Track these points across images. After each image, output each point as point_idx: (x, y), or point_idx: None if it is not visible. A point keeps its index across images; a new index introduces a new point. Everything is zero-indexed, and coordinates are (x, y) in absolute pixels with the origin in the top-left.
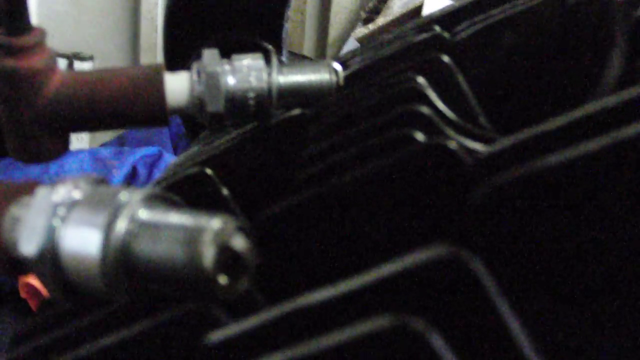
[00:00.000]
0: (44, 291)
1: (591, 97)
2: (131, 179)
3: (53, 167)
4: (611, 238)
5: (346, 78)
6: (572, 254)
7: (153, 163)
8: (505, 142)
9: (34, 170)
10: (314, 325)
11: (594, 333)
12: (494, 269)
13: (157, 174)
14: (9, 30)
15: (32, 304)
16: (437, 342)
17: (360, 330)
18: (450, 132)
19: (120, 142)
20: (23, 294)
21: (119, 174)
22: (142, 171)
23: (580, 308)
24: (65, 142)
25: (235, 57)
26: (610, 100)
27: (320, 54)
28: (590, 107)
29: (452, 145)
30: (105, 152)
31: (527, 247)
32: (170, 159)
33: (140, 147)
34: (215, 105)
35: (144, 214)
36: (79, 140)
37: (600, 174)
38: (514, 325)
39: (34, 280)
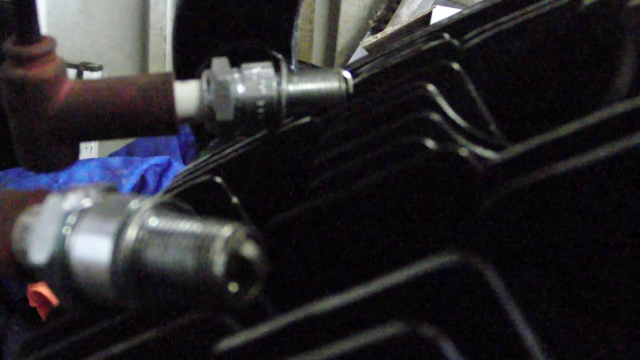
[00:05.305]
0: (53, 300)
1: (602, 103)
2: (140, 188)
3: (62, 176)
4: (624, 244)
5: (356, 86)
6: (583, 261)
7: (162, 172)
8: (516, 149)
9: (43, 179)
10: (324, 333)
11: (607, 340)
12: (505, 275)
13: (166, 183)
14: (19, 39)
15: (42, 313)
16: (448, 349)
17: (371, 338)
18: (461, 139)
19: (129, 152)
20: (32, 303)
21: (128, 183)
22: (151, 180)
23: (592, 315)
24: (75, 152)
25: (244, 65)
26: (621, 107)
27: (329, 63)
28: (601, 114)
29: (463, 152)
30: (114, 162)
31: (538, 254)
32: (179, 168)
33: (149, 156)
34: (225, 114)
35: (154, 221)
36: (88, 150)
37: (612, 181)
38: (525, 332)
39: (43, 289)
